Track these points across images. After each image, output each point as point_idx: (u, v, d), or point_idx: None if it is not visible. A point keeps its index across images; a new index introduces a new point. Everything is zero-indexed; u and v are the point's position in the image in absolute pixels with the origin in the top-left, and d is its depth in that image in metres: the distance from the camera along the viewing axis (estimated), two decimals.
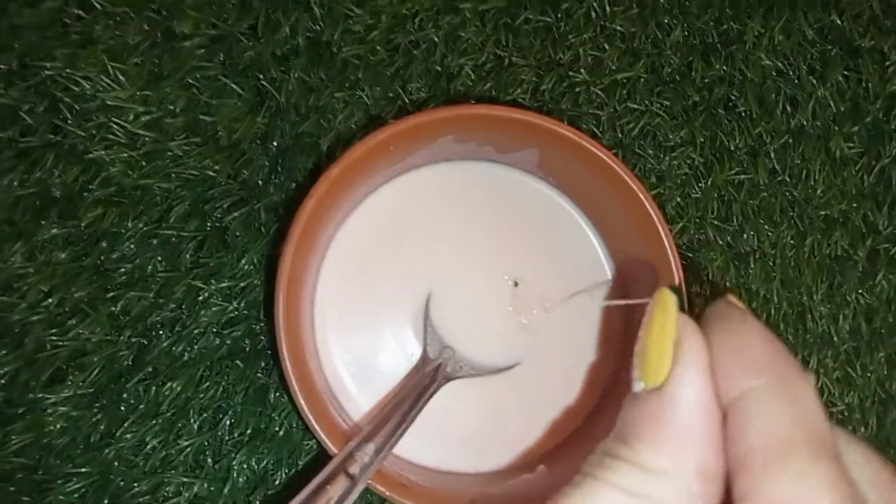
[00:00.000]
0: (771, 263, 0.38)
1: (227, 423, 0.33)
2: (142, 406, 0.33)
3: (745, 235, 0.38)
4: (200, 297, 0.33)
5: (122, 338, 0.33)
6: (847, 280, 0.38)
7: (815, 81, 0.39)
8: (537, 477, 0.30)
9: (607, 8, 0.38)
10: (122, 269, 0.33)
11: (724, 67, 0.38)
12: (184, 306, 0.33)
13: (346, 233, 0.32)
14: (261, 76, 0.34)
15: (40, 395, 0.32)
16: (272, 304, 0.28)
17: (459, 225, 0.33)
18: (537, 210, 0.33)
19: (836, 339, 0.38)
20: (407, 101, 0.36)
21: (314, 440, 0.33)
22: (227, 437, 0.33)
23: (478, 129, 0.29)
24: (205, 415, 0.33)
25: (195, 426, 0.33)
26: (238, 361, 0.33)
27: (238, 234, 0.34)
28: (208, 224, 0.34)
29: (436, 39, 0.36)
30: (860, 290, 0.38)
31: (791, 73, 0.39)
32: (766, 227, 0.38)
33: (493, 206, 0.33)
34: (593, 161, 0.29)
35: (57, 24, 0.34)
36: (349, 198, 0.30)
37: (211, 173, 0.34)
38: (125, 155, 0.34)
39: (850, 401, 0.37)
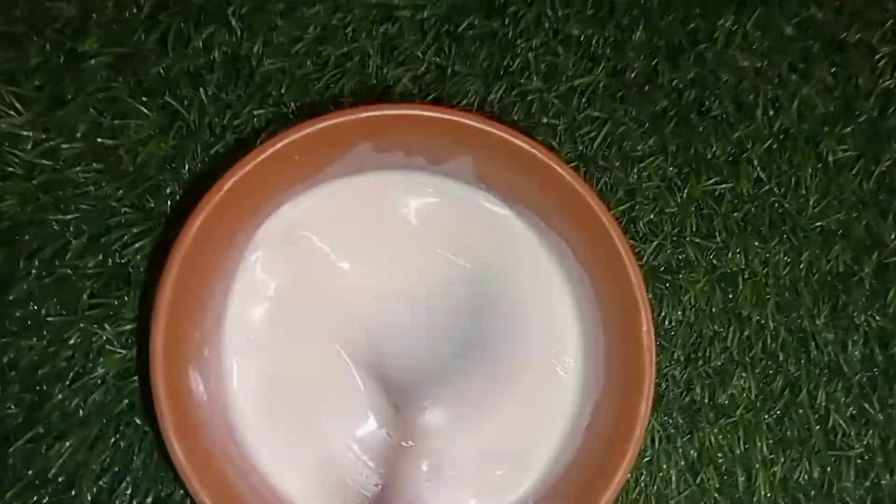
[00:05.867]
0: (763, 284, 0.33)
1: (127, 491, 0.28)
2: (29, 472, 0.28)
3: (730, 253, 0.33)
4: (96, 344, 0.29)
5: (8, 393, 0.29)
6: (853, 300, 0.33)
7: (797, 80, 0.35)
8: None
9: (559, 11, 0.34)
10: (14, 315, 0.29)
11: (695, 69, 0.34)
12: (77, 355, 0.29)
13: (249, 263, 0.27)
14: (170, 94, 0.31)
15: None
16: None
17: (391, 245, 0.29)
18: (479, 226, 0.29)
19: (846, 369, 0.32)
20: None
21: None
22: None
23: (397, 135, 0.26)
24: (101, 482, 0.28)
25: (88, 496, 0.28)
26: (137, 418, 0.28)
27: (142, 269, 0.30)
28: (109, 260, 0.30)
29: (370, 51, 0.33)
30: (869, 312, 0.33)
31: (770, 72, 0.35)
32: (754, 242, 0.33)
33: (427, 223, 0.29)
34: (533, 166, 0.25)
35: None
36: (249, 222, 0.26)
37: (112, 203, 0.30)
38: (21, 186, 0.30)
39: (869, 442, 0.32)
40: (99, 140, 0.30)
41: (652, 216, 0.33)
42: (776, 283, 0.33)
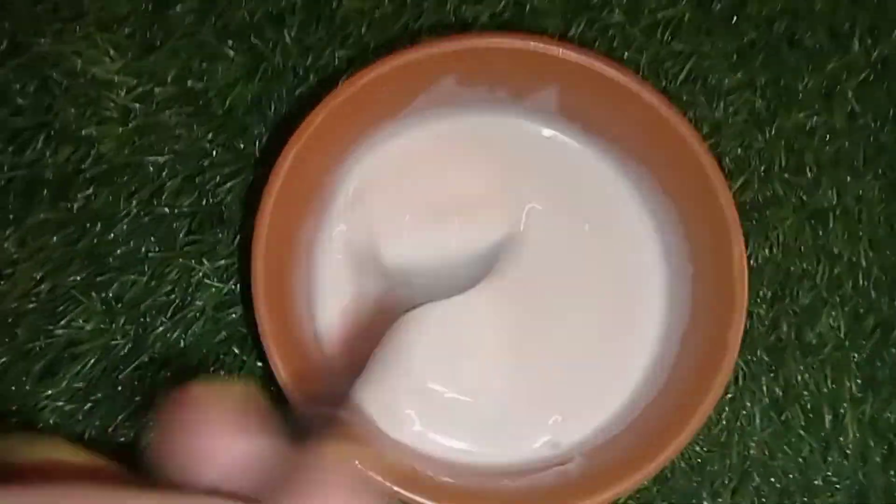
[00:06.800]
0: (856, 221, 0.32)
1: None
2: (137, 398, 0.30)
3: (821, 190, 0.32)
4: (195, 279, 0.30)
5: (115, 325, 0.31)
6: None
7: None
8: (572, 469, 0.25)
9: None
10: (116, 252, 0.31)
11: None
12: (177, 289, 0.30)
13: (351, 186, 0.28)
14: (255, 37, 0.32)
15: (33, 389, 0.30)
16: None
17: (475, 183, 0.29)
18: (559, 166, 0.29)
19: None
20: None
21: None
22: None
23: (482, 67, 0.25)
24: None
25: None
26: (235, 348, 0.30)
27: (234, 207, 0.31)
28: (203, 199, 0.31)
29: None
30: None
31: None
32: (847, 178, 0.32)
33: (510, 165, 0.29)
34: (623, 97, 0.25)
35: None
36: (339, 157, 0.27)
37: (204, 144, 0.31)
38: (118, 130, 0.31)
39: None
40: (189, 84, 0.31)
41: (739, 151, 0.32)
42: (870, 220, 0.32)
